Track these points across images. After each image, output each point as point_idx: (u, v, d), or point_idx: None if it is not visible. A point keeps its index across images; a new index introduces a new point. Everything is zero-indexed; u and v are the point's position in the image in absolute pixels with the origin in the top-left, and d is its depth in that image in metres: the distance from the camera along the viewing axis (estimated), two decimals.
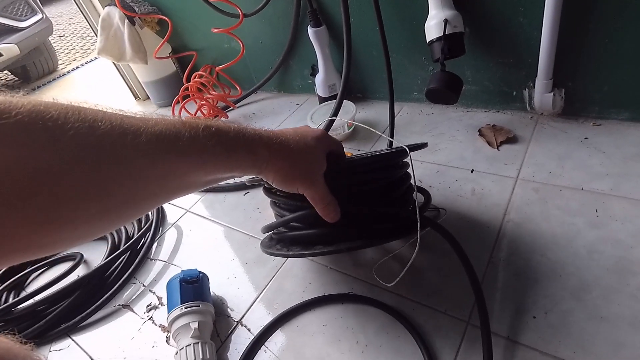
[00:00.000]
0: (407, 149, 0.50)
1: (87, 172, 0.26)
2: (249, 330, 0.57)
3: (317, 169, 0.44)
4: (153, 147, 0.30)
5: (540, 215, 0.61)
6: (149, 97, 1.43)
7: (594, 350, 0.44)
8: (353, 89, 1.05)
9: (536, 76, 0.75)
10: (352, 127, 0.92)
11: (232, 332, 0.58)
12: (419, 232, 0.46)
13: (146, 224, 0.81)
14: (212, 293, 0.63)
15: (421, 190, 0.62)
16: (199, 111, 1.11)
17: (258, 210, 0.79)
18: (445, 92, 0.74)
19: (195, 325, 0.53)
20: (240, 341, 0.56)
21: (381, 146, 0.87)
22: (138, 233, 0.77)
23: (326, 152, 0.46)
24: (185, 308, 0.55)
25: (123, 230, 0.80)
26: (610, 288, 0.49)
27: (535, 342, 0.46)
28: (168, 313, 0.57)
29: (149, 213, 0.85)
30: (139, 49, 1.17)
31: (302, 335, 0.55)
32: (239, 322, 0.59)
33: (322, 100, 1.03)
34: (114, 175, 0.28)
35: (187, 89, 1.11)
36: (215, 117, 1.14)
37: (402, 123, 0.91)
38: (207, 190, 0.89)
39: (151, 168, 0.30)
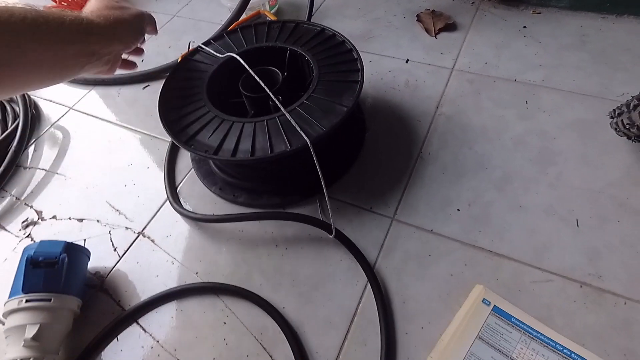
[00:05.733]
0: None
1: None
2: (152, 241, 0.50)
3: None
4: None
5: (472, 108, 0.57)
6: None
7: (510, 237, 0.45)
8: None
9: None
10: (276, 6, 0.78)
11: (132, 244, 0.50)
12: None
13: (13, 124, 0.64)
14: (110, 206, 0.53)
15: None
16: None
17: None
18: None
19: (32, 330, 0.37)
20: (142, 253, 0.49)
21: None
22: (2, 135, 0.61)
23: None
24: (26, 301, 0.39)
25: None
26: (530, 178, 0.49)
27: (457, 234, 0.46)
28: (6, 301, 0.40)
29: (15, 110, 0.67)
30: None
31: (216, 242, 0.49)
32: (141, 233, 0.51)
33: None
34: None
35: None
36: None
37: (335, 5, 0.78)
38: (95, 83, 0.73)
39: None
